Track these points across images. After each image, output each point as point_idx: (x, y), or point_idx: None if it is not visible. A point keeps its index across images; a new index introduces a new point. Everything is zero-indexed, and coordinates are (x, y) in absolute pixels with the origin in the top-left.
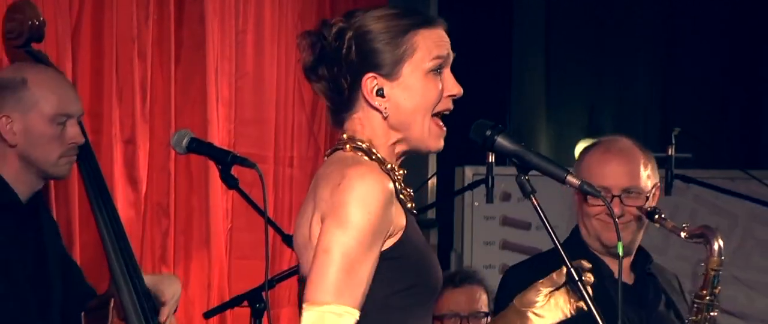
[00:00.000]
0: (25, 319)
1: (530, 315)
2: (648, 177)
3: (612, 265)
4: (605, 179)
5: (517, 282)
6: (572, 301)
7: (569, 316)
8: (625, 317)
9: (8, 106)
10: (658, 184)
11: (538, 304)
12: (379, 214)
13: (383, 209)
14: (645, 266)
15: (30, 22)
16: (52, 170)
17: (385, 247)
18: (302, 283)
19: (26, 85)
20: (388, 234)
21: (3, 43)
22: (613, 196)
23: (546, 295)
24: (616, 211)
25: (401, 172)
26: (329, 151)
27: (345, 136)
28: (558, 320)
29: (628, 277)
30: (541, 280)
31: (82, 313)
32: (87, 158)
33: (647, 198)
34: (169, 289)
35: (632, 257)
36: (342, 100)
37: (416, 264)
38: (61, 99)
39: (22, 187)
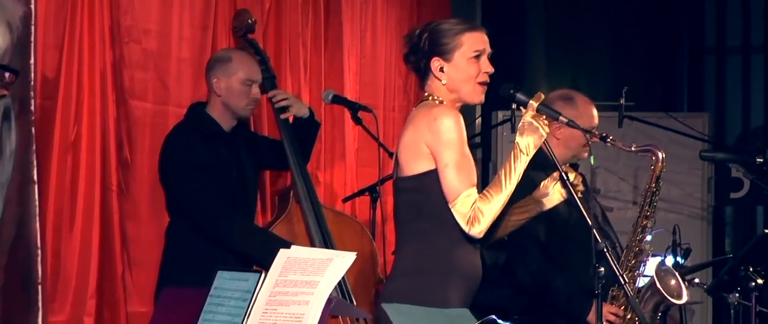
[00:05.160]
0: (229, 213)
1: (544, 200)
2: None
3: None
4: (595, 119)
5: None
6: (563, 190)
7: (564, 197)
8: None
9: (219, 72)
10: None
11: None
12: (461, 132)
13: (461, 128)
14: (576, 170)
15: (247, 22)
16: (241, 112)
17: None
18: (398, 179)
19: (231, 60)
20: None
21: (233, 34)
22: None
23: (552, 186)
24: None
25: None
26: (418, 102)
27: (427, 93)
28: (558, 200)
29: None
30: (547, 180)
31: (276, 198)
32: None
33: None
34: None
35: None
36: (421, 74)
37: None
38: (250, 70)
39: (225, 122)
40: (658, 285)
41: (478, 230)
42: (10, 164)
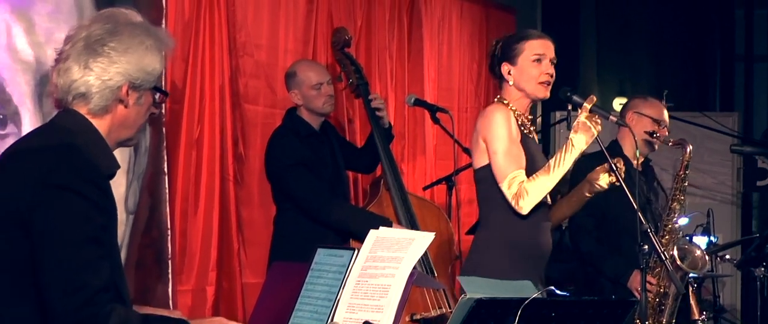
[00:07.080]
0: (330, 198)
1: (594, 181)
2: None
3: (633, 160)
4: (665, 115)
5: (586, 166)
6: (612, 176)
7: (605, 188)
8: (638, 185)
9: (292, 86)
10: None
11: (599, 178)
12: (507, 125)
13: (508, 122)
14: (648, 163)
15: (344, 37)
16: (322, 110)
17: None
18: (476, 170)
19: (296, 73)
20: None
21: (331, 47)
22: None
23: (601, 172)
24: (666, 132)
25: (529, 116)
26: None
27: (498, 97)
28: (606, 183)
29: (639, 167)
30: (599, 167)
31: (368, 186)
32: (369, 105)
33: None
34: None
35: (643, 158)
36: (498, 78)
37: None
38: (315, 76)
39: (314, 122)
40: (678, 261)
41: (524, 205)
42: (144, 159)
